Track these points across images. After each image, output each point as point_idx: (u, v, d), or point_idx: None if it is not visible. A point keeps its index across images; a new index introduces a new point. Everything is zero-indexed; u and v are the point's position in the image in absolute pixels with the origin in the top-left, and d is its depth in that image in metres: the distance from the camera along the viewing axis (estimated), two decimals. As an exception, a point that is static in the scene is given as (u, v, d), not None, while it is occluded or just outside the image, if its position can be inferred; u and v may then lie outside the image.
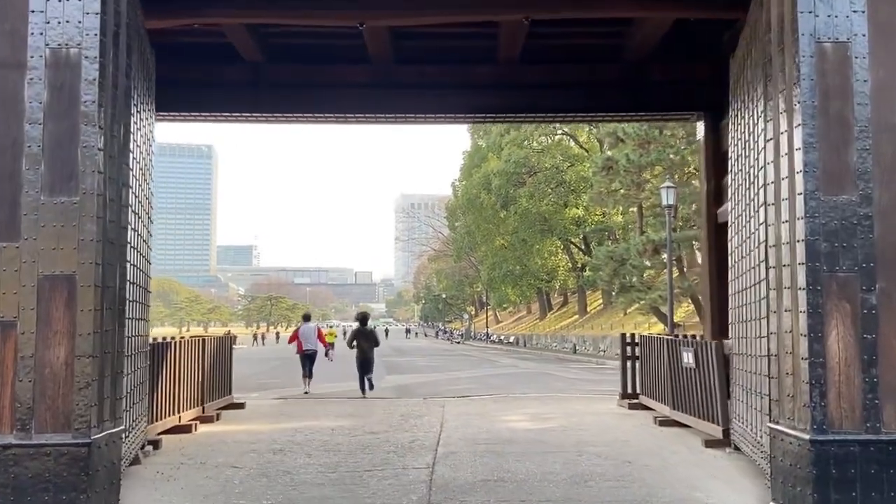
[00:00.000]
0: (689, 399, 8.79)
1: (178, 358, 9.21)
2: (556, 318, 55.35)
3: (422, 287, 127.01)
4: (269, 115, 10.88)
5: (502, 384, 17.41)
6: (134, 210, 6.16)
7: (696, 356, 8.51)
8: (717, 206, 10.68)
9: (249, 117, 10.98)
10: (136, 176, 6.18)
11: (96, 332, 4.97)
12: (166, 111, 10.46)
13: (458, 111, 10.96)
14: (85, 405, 4.87)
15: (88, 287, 4.93)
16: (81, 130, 4.99)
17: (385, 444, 8.15)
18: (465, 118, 11.83)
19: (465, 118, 11.85)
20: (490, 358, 34.51)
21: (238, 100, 10.61)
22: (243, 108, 10.65)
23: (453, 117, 11.30)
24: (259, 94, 10.59)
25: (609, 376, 21.33)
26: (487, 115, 11.27)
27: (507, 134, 45.20)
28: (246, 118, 11.04)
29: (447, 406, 11.67)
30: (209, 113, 10.83)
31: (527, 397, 13.15)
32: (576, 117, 11.84)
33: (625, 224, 40.74)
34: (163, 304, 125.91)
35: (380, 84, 10.68)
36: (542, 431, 8.94)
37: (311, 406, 11.96)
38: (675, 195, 22.91)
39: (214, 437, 8.68)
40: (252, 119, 11.10)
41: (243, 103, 10.62)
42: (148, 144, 7.26)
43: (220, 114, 10.83)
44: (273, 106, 10.68)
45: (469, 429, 9.12)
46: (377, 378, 18.22)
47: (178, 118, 11.00)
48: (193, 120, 11.14)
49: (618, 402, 11.55)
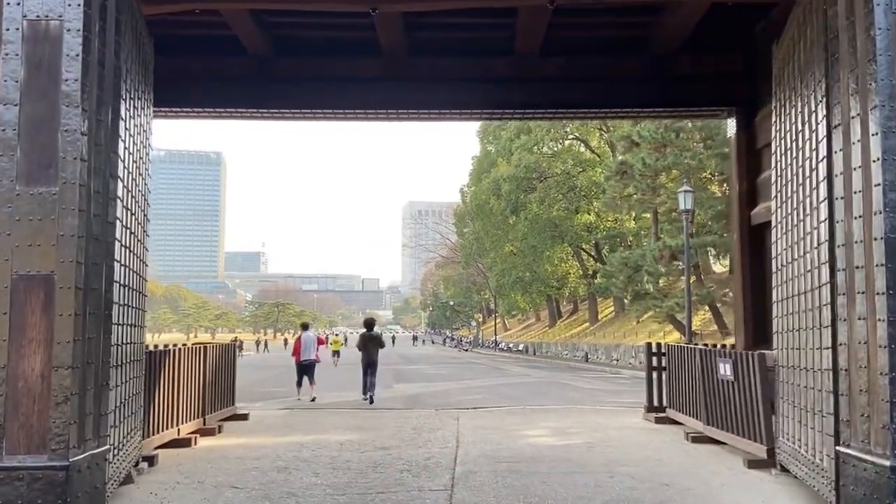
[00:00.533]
0: (726, 414, 8.13)
1: (177, 367, 8.63)
2: (566, 326, 54.55)
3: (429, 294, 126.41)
4: (275, 111, 10.35)
5: (516, 395, 16.75)
6: (125, 205, 5.59)
7: (734, 368, 7.86)
8: (750, 209, 10.06)
9: (255, 113, 10.45)
10: (127, 168, 5.61)
11: (77, 339, 4.39)
12: (168, 106, 9.98)
13: (473, 106, 10.39)
14: (63, 423, 4.28)
15: (69, 289, 4.36)
16: (62, 112, 4.43)
17: (398, 461, 7.53)
18: (481, 114, 11.25)
19: (480, 114, 11.26)
20: (500, 366, 33.81)
21: (243, 94, 10.08)
22: (248, 103, 10.13)
23: (469, 113, 10.72)
24: (265, 89, 10.07)
25: (626, 386, 20.63)
26: (505, 112, 10.67)
27: (517, 138, 44.60)
28: (251, 114, 10.51)
29: (462, 418, 11.04)
30: (212, 109, 10.29)
31: (545, 409, 12.49)
32: (598, 113, 11.22)
33: (637, 230, 40.03)
34: (170, 311, 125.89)
35: (392, 78, 10.14)
36: (567, 448, 8.30)
37: (317, 417, 11.35)
38: (692, 199, 22.26)
39: (215, 452, 8.09)
40: (257, 115, 10.57)
41: (248, 98, 10.10)
42: (144, 136, 6.70)
43: (225, 109, 10.29)
44: (279, 101, 10.16)
45: (487, 445, 8.49)
46: (385, 387, 18.07)
47: (181, 114, 10.47)
48: (196, 116, 10.59)
49: (643, 416, 10.89)
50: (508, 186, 42.90)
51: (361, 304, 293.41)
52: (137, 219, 6.30)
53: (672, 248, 24.55)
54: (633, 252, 28.92)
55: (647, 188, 26.49)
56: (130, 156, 5.81)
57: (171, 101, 9.91)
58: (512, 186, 42.74)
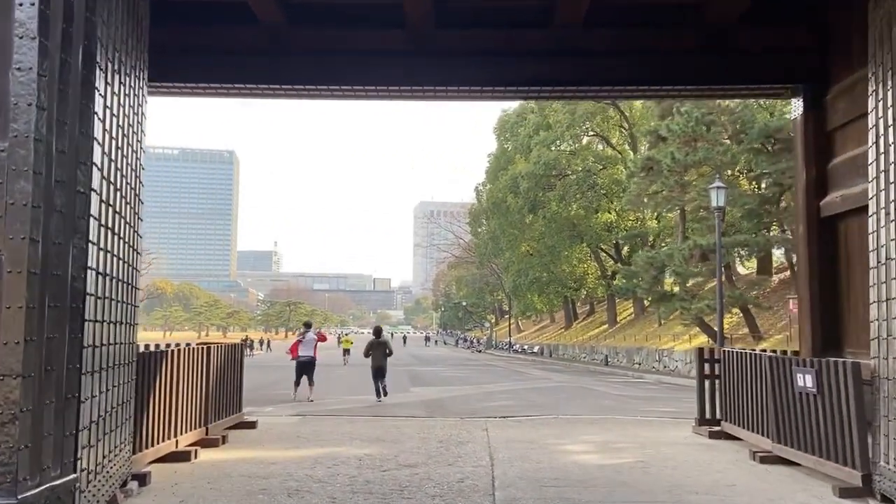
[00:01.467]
0: (805, 432, 7.03)
1: (175, 370, 7.65)
2: (583, 329, 53.25)
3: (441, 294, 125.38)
4: (288, 87, 9.36)
5: (543, 401, 15.65)
6: (106, 175, 4.59)
7: (817, 379, 6.75)
8: (819, 199, 8.95)
9: (266, 90, 9.47)
10: (108, 130, 4.61)
11: (30, 339, 3.40)
12: (170, 82, 9.07)
13: (506, 82, 9.36)
14: (9, 449, 3.28)
15: (19, 273, 3.36)
16: (14, 45, 3.43)
17: (427, 482, 6.50)
18: (516, 92, 10.18)
19: (514, 93, 10.19)
20: (518, 369, 32.70)
21: (253, 69, 9.12)
22: (259, 77, 9.16)
23: (502, 91, 9.68)
24: (277, 62, 9.10)
25: (655, 392, 19.49)
26: (543, 89, 9.63)
27: (536, 135, 43.42)
28: (263, 91, 9.52)
29: (491, 429, 9.99)
30: (220, 85, 9.34)
31: (580, 420, 11.41)
32: (649, 91, 10.11)
33: (660, 230, 38.76)
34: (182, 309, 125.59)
35: (417, 52, 9.14)
36: (619, 468, 7.22)
37: (332, 426, 10.33)
38: (724, 196, 21.07)
39: (217, 469, 7.09)
40: (269, 92, 9.58)
41: (259, 72, 9.13)
42: (135, 99, 5.71)
43: (233, 85, 9.32)
44: (293, 76, 9.18)
45: (527, 463, 7.43)
46: (401, 390, 17.32)
47: (186, 90, 9.52)
48: (202, 93, 9.65)
49: (693, 429, 9.79)
50: (527, 184, 41.73)
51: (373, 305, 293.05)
52: (125, 196, 5.30)
53: (703, 248, 23.33)
54: (659, 252, 27.69)
55: (676, 184, 25.27)
56: (114, 117, 4.80)
57: (174, 77, 9.00)
58: (531, 184, 41.56)
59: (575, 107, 41.02)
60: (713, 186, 20.95)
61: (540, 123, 43.99)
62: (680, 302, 25.07)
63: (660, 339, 33.20)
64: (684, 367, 27.84)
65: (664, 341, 32.33)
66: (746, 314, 25.05)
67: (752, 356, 8.48)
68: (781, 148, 23.84)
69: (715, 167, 24.19)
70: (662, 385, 23.38)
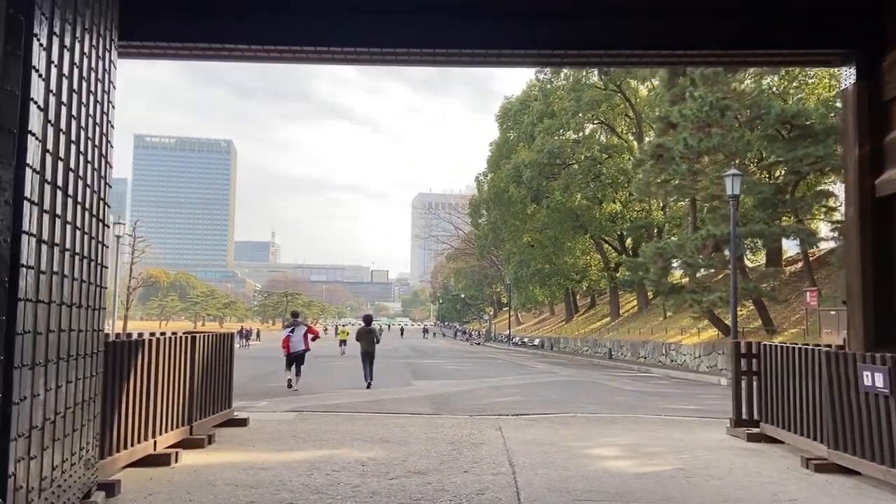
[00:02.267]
0: (871, 438, 6.15)
1: (154, 361, 6.74)
2: (584, 321, 52.41)
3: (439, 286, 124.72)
4: (284, 48, 8.39)
5: (555, 397, 14.78)
6: (52, 120, 3.66)
7: (890, 378, 5.87)
8: (875, 176, 8.05)
9: (259, 51, 8.46)
10: (53, 61, 3.68)
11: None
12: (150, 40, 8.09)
13: (523, 44, 8.38)
14: None
15: None
16: None
17: (441, 493, 5.62)
18: (534, 57, 9.19)
19: (532, 57, 9.21)
20: (520, 362, 31.85)
21: (238, 25, 8.11)
22: (244, 36, 8.13)
23: (522, 55, 8.69)
24: (266, 18, 8.12)
25: (667, 387, 18.66)
26: (568, 53, 8.64)
27: (540, 122, 42.39)
28: (254, 52, 8.52)
29: (505, 429, 9.11)
30: (208, 45, 8.34)
31: (600, 419, 10.53)
32: (671, 56, 9.11)
33: (666, 221, 37.89)
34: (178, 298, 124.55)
35: (425, 8, 8.20)
36: (657, 477, 6.34)
37: (331, 424, 9.44)
38: (740, 184, 20.17)
39: (199, 475, 6.19)
40: (261, 54, 8.57)
41: (244, 29, 8.12)
42: (98, 37, 4.77)
43: (223, 46, 8.32)
44: (284, 35, 8.18)
45: (553, 470, 6.55)
46: (403, 384, 16.75)
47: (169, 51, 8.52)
48: (188, 55, 8.67)
49: (728, 430, 8.92)
50: (530, 173, 40.75)
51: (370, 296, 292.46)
52: (83, 151, 4.37)
53: (717, 238, 22.44)
54: (669, 242, 26.80)
55: (688, 172, 24.34)
56: (65, 49, 3.87)
57: (152, 35, 8.02)
58: (534, 173, 40.59)
59: (580, 94, 40.03)
60: (728, 174, 20.04)
61: (544, 111, 42.99)
62: (690, 294, 24.21)
63: (666, 332, 32.38)
64: (693, 362, 27.01)
65: (671, 335, 31.50)
66: (759, 307, 24.21)
67: (801, 351, 7.59)
68: (798, 135, 22.94)
69: (729, 154, 23.29)
70: (672, 380, 22.55)
